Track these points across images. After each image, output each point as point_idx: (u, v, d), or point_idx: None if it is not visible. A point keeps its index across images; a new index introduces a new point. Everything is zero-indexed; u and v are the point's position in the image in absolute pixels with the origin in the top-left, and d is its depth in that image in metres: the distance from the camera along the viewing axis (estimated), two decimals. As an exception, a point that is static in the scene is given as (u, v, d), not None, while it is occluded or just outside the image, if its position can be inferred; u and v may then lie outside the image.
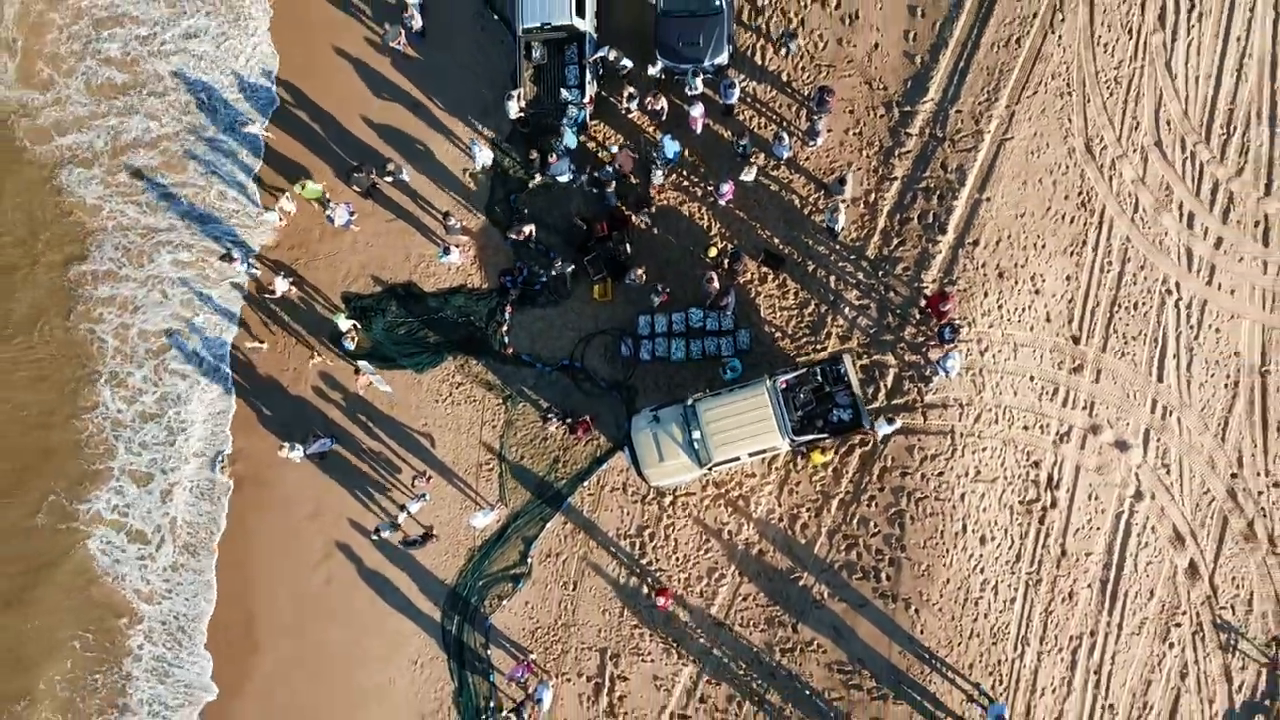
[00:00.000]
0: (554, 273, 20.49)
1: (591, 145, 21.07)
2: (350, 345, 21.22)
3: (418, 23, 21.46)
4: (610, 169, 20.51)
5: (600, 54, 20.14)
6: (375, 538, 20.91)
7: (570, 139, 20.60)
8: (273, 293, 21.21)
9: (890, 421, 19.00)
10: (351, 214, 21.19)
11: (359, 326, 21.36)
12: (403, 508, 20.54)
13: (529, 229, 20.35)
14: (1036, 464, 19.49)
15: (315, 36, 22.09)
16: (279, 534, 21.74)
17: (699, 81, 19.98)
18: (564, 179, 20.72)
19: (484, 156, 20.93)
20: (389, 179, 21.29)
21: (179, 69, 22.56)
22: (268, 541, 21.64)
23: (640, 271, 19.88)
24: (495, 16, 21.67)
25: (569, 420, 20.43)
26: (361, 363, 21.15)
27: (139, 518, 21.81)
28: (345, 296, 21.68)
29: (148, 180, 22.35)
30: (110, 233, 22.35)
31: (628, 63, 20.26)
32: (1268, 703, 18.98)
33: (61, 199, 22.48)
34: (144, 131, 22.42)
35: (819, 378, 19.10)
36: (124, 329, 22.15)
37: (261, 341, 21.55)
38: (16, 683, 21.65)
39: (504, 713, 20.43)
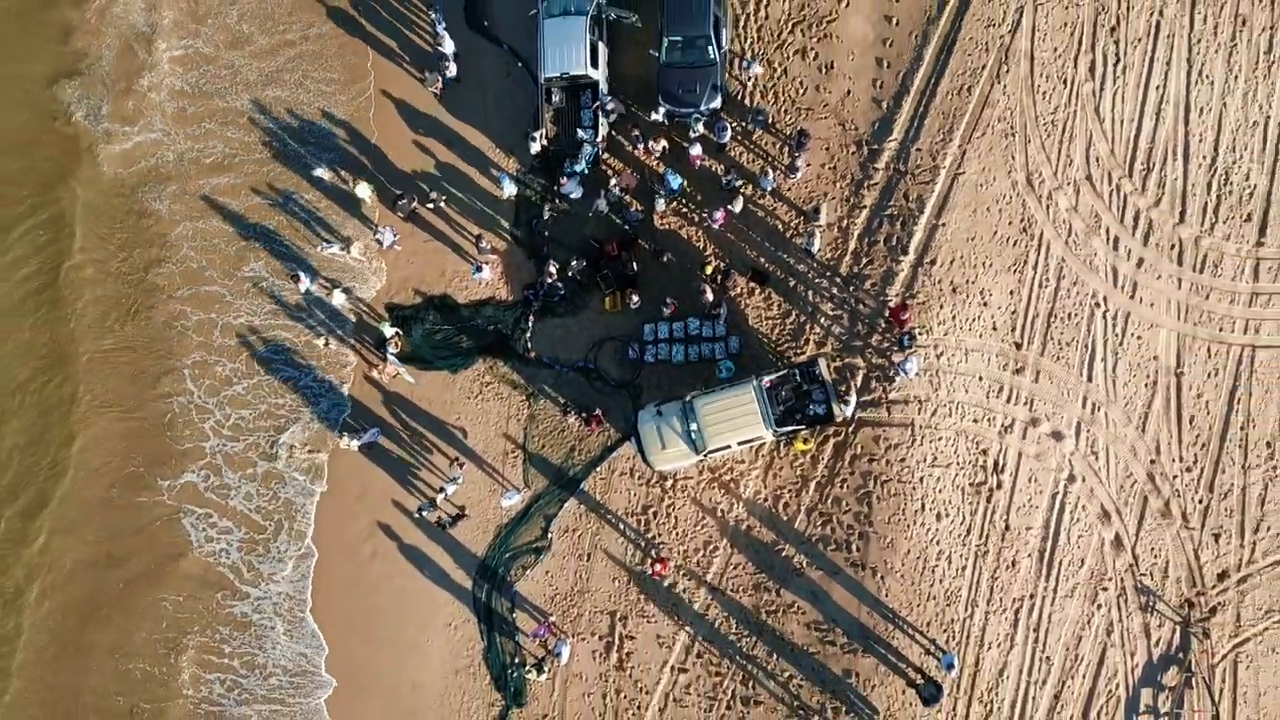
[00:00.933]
0: (571, 269, 23.74)
1: (604, 168, 24.38)
2: (394, 349, 24.53)
3: (453, 70, 24.78)
4: (616, 189, 23.87)
5: (609, 103, 23.48)
6: (417, 516, 24.18)
7: (582, 166, 23.93)
8: (340, 304, 24.59)
9: (846, 403, 22.29)
10: (395, 236, 24.50)
11: (401, 333, 24.64)
12: (440, 490, 23.84)
13: (554, 268, 23.67)
14: (984, 451, 22.77)
15: (364, 83, 25.37)
16: (330, 514, 25.03)
17: (700, 125, 23.33)
18: (575, 195, 24.05)
19: (510, 187, 24.25)
20: (429, 206, 24.61)
21: (257, 105, 25.77)
22: (322, 521, 24.92)
23: (636, 297, 23.25)
24: (520, 64, 24.98)
25: (584, 414, 23.74)
26: (390, 356, 24.43)
27: (231, 498, 25.03)
28: (389, 307, 24.95)
29: (221, 206, 25.59)
30: (190, 241, 25.58)
31: (616, 106, 23.64)
32: (1180, 655, 22.24)
33: (145, 218, 25.77)
34: (222, 157, 25.63)
35: (798, 378, 22.37)
36: (208, 326, 25.38)
37: (327, 344, 24.84)
38: (111, 637, 24.95)
39: (527, 667, 23.71)
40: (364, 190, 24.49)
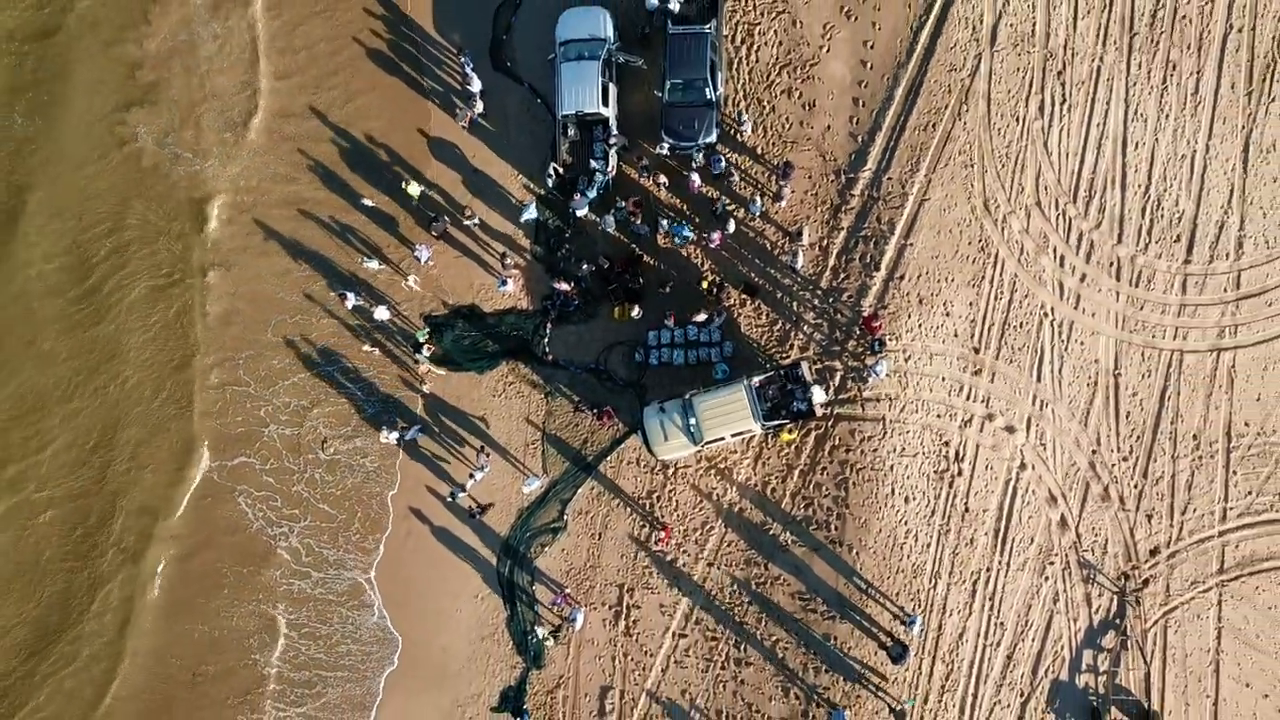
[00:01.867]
0: (584, 271, 26.94)
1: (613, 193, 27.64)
2: (427, 353, 27.76)
3: (479, 106, 28.01)
4: (623, 210, 27.10)
5: (617, 139, 26.76)
6: (449, 499, 27.40)
7: (594, 193, 27.16)
8: (381, 316, 27.79)
9: (824, 390, 25.49)
10: (430, 253, 27.75)
11: (434, 339, 27.87)
12: (470, 476, 27.07)
13: (569, 285, 26.91)
14: (947, 443, 26.00)
15: (402, 117, 28.61)
16: (365, 498, 28.18)
17: (701, 156, 26.60)
18: (581, 212, 27.27)
19: (530, 210, 27.50)
20: (459, 226, 27.87)
21: (310, 135, 28.92)
22: (361, 502, 28.12)
23: (638, 309, 26.50)
24: (539, 101, 28.22)
25: (595, 410, 26.97)
26: (419, 355, 27.63)
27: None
28: (424, 316, 28.16)
29: (275, 227, 28.79)
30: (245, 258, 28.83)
31: (621, 139, 26.96)
32: (1117, 621, 25.46)
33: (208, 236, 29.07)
34: (277, 181, 28.83)
35: (783, 378, 25.59)
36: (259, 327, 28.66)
37: (373, 349, 28.05)
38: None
39: (545, 633, 26.92)
40: (414, 189, 27.66)
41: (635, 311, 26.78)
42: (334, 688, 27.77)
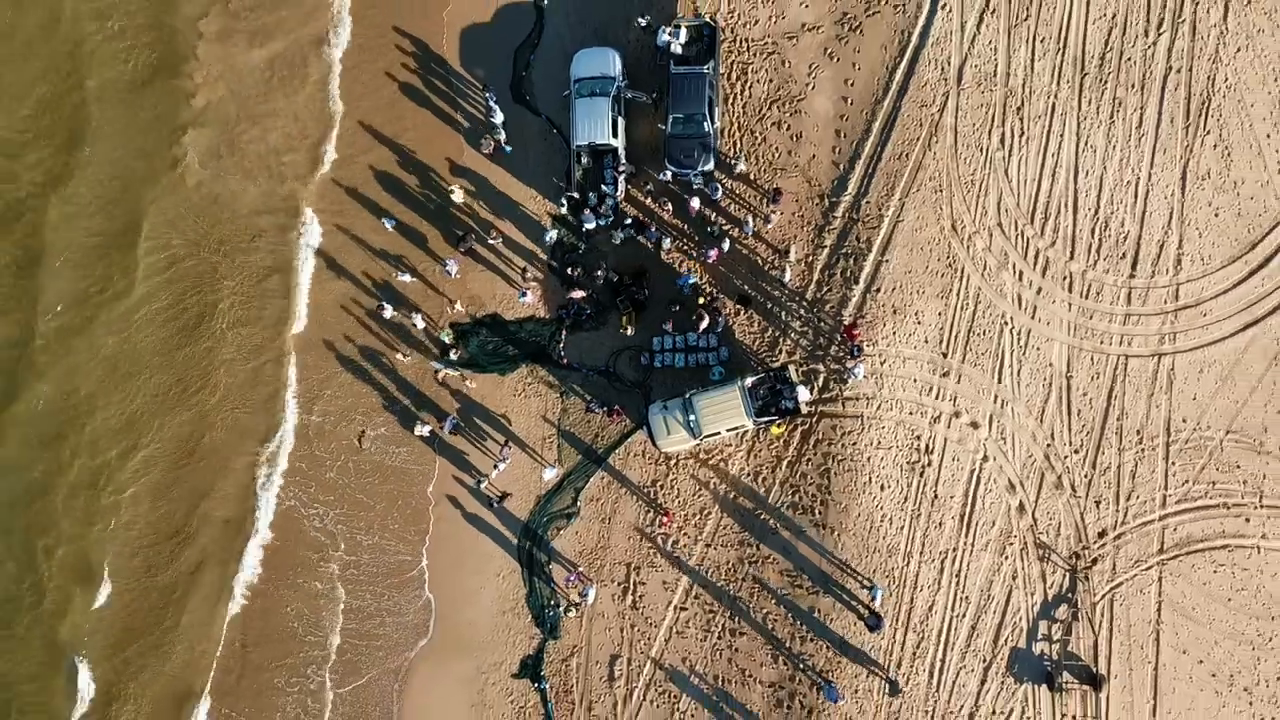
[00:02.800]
0: (596, 282, 30.23)
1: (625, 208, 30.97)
2: (455, 356, 31.06)
3: (502, 136, 31.33)
4: (630, 226, 30.41)
5: (625, 167, 30.09)
6: (475, 488, 30.67)
7: (606, 212, 30.43)
8: (414, 325, 31.11)
9: (809, 390, 28.73)
10: (458, 267, 31.06)
11: (460, 344, 31.16)
12: (495, 466, 30.34)
13: (580, 293, 30.22)
14: (918, 437, 29.26)
15: (432, 146, 31.94)
16: (397, 485, 31.45)
17: (700, 181, 29.92)
18: (590, 226, 30.55)
19: (551, 234, 30.78)
20: (483, 243, 31.19)
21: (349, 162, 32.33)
22: (396, 491, 31.40)
23: (631, 329, 29.85)
24: (555, 131, 31.52)
25: (605, 408, 30.24)
26: (437, 364, 30.89)
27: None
28: (451, 323, 31.45)
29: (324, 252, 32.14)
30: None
31: (629, 167, 30.27)
32: (1069, 595, 28.67)
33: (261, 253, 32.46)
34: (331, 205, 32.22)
35: (773, 380, 28.86)
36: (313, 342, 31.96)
37: (405, 356, 31.36)
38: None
39: (561, 607, 30.17)
40: (458, 195, 30.91)
41: (630, 331, 30.06)
42: (373, 656, 31.03)
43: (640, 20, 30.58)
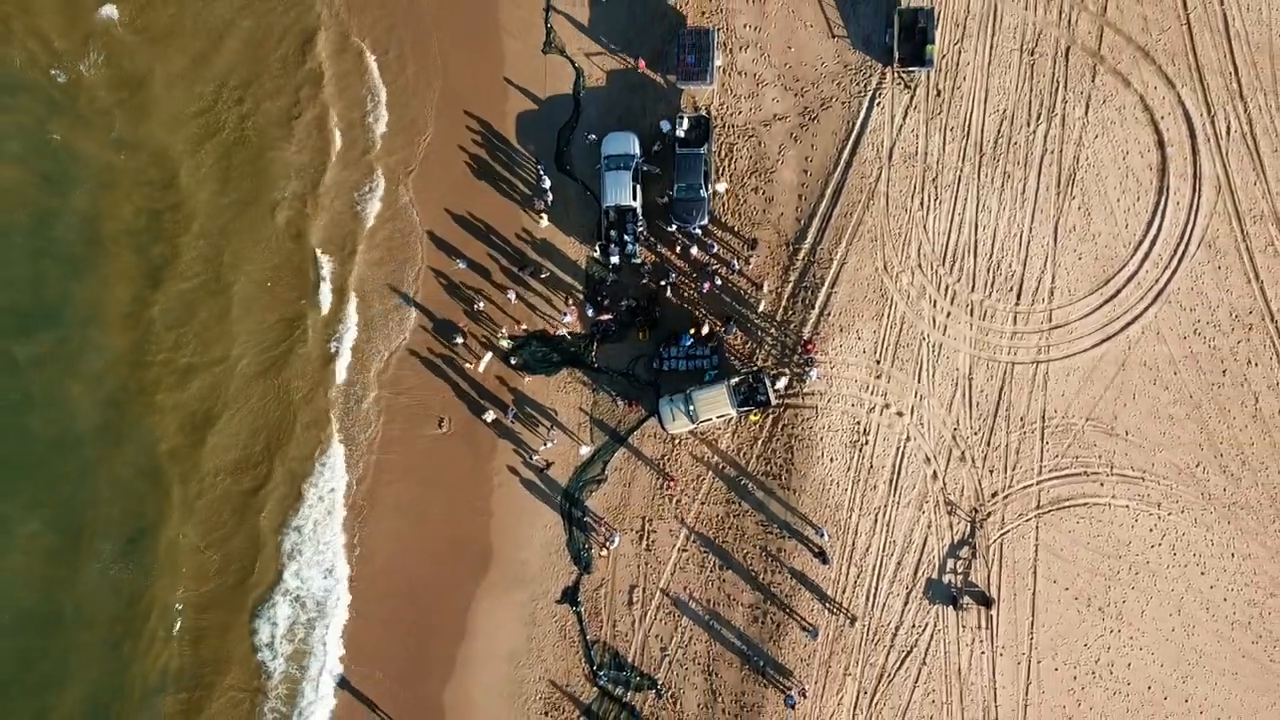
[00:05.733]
0: (622, 302, 40.59)
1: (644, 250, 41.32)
2: (513, 361, 41.43)
3: (550, 197, 41.76)
4: (645, 265, 40.82)
5: (642, 222, 40.54)
6: (529, 460, 40.99)
7: (629, 249, 40.77)
8: (485, 338, 41.55)
9: (775, 381, 38.98)
10: (515, 294, 41.47)
11: (517, 352, 41.50)
12: (544, 444, 40.67)
13: (607, 315, 40.58)
14: (858, 423, 39.47)
15: (499, 205, 42.37)
16: (469, 458, 41.73)
17: (699, 230, 40.30)
18: (615, 263, 40.89)
19: (585, 269, 41.22)
20: (535, 276, 41.60)
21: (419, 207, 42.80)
22: (469, 462, 41.73)
23: (648, 341, 40.26)
24: (590, 194, 41.91)
25: (626, 400, 40.55)
26: (487, 359, 41.28)
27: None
28: (510, 336, 41.73)
29: (404, 296, 42.60)
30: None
31: (645, 223, 40.65)
32: (970, 541, 38.79)
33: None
34: (408, 245, 42.71)
35: (751, 380, 39.11)
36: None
37: (471, 364, 41.74)
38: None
39: (595, 550, 40.38)
40: (543, 223, 41.22)
41: (646, 339, 40.44)
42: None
43: (664, 124, 40.73)
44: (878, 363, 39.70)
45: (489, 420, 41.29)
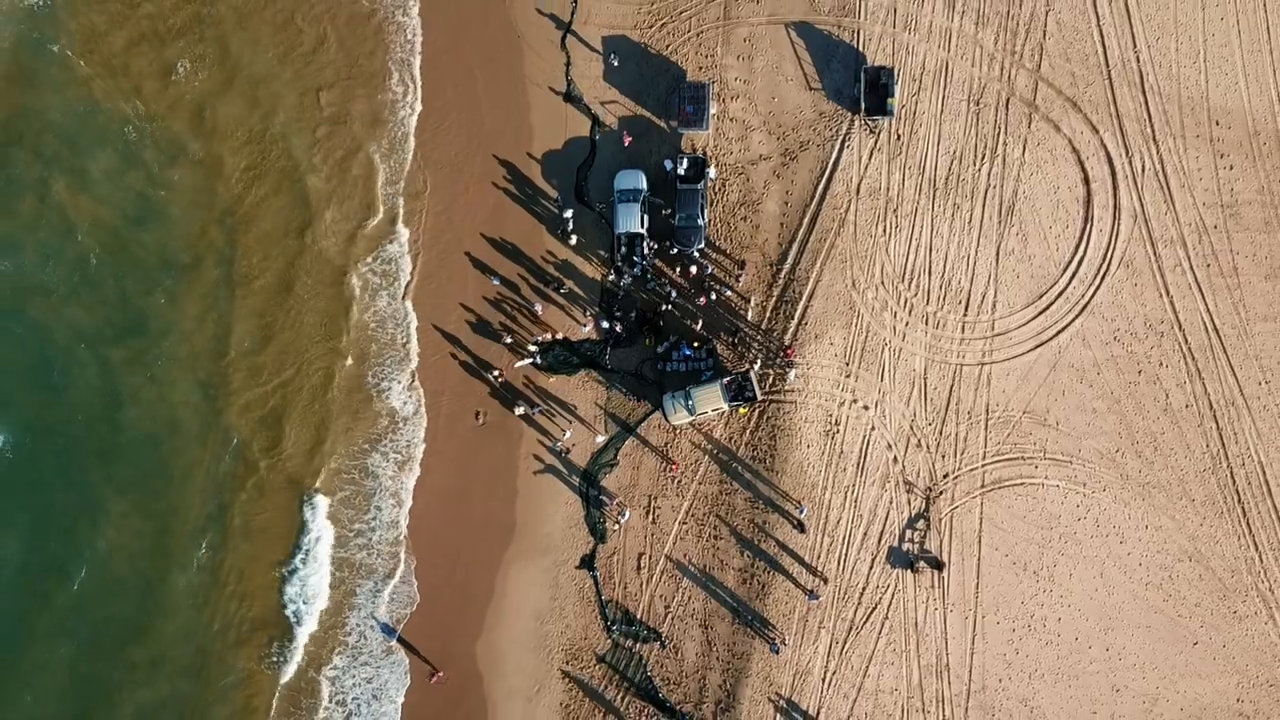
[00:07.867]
0: (632, 313, 47.99)
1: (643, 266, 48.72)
2: (539, 361, 48.83)
3: (571, 225, 49.22)
4: (651, 282, 48.24)
5: (650, 246, 47.99)
6: (552, 447, 48.35)
7: (636, 270, 48.21)
8: (515, 343, 49.00)
9: (762, 385, 46.37)
10: (541, 307, 48.91)
11: (543, 355, 48.89)
12: (564, 433, 48.04)
13: (620, 325, 48.00)
14: (830, 415, 46.75)
15: (528, 231, 49.85)
16: (502, 448, 49.10)
17: (697, 253, 47.70)
18: (625, 281, 48.31)
19: (600, 285, 48.68)
20: (557, 291, 49.06)
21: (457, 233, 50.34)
22: (501, 449, 49.07)
23: (659, 348, 47.70)
24: (604, 221, 49.32)
25: (635, 396, 47.91)
26: (521, 364, 48.60)
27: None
28: (536, 341, 49.06)
29: (449, 308, 50.08)
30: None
31: (653, 246, 48.06)
32: (926, 514, 45.95)
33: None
34: (448, 272, 50.24)
35: (740, 380, 46.42)
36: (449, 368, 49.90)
37: (508, 367, 49.18)
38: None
39: (609, 523, 47.71)
40: (573, 241, 48.60)
41: (654, 345, 47.88)
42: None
43: (668, 163, 48.16)
44: (847, 365, 47.00)
45: (519, 413, 48.66)
